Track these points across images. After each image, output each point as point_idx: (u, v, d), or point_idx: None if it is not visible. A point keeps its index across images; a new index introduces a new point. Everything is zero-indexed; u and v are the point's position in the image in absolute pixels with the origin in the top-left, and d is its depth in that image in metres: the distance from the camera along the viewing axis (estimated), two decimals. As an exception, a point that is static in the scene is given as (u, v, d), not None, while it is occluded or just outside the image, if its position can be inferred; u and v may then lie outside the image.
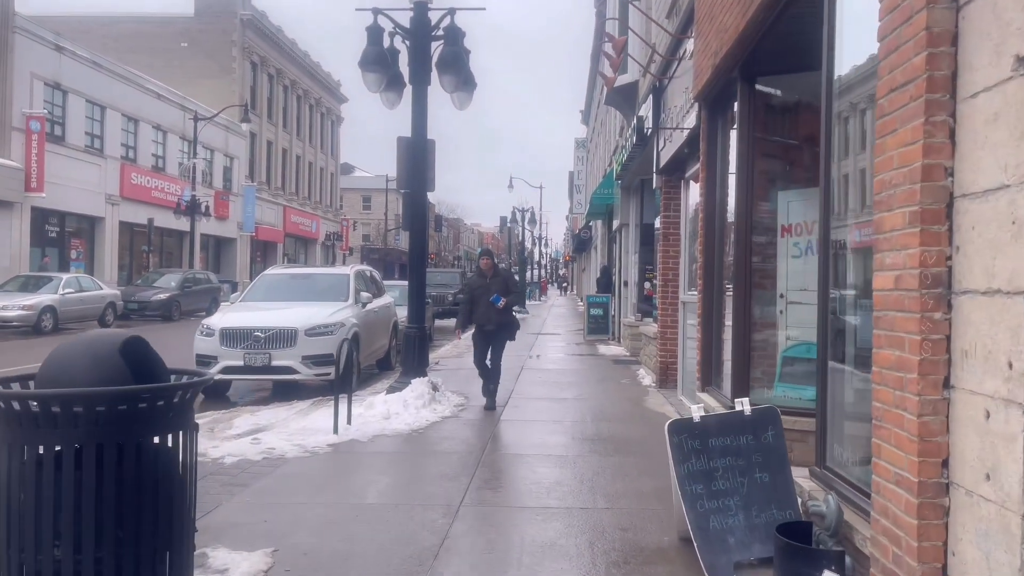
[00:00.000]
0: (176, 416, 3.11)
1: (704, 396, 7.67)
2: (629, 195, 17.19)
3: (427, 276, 25.60)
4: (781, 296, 7.25)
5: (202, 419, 8.69)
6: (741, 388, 6.75)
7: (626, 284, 17.41)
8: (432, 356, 15.39)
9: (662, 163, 10.78)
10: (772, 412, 4.53)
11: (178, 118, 36.38)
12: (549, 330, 23.39)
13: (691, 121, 8.26)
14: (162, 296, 25.74)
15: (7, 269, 24.67)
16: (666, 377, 10.96)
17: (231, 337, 10.22)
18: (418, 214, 9.42)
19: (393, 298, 18.13)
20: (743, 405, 4.51)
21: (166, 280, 27.57)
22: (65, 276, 21.58)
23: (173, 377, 3.38)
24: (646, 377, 11.93)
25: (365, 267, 14.33)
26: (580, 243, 39.93)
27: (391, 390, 9.27)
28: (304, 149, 54.02)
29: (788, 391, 7.09)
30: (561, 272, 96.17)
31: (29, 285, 21.12)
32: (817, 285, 4.85)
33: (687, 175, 9.65)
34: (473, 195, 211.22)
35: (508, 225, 33.01)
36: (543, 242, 74.70)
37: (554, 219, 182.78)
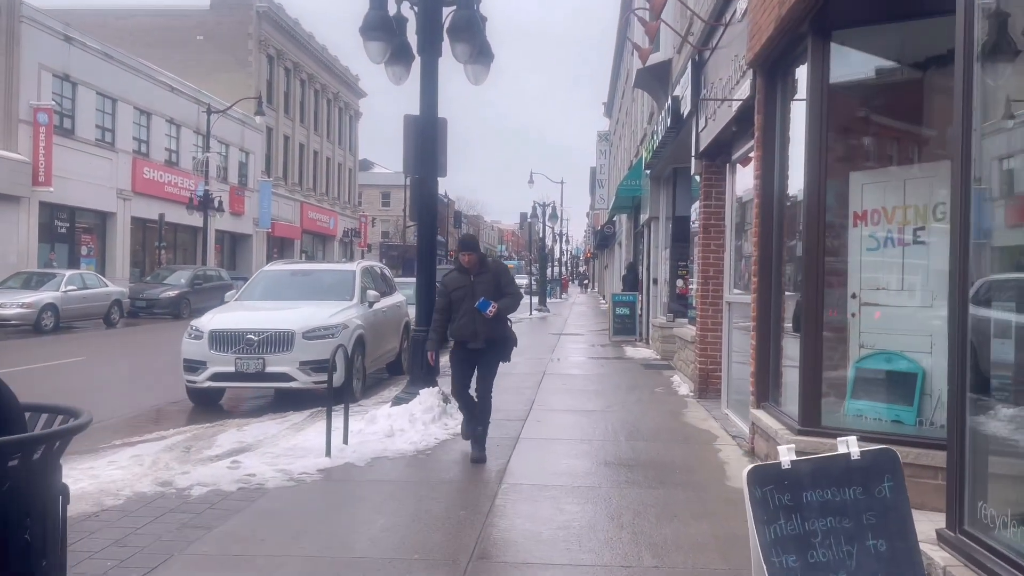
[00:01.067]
0: (24, 482, 2.03)
1: (759, 414, 6.52)
2: (659, 186, 15.98)
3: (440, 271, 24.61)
4: (853, 296, 6.07)
5: (181, 436, 7.67)
6: (812, 407, 5.59)
7: (655, 282, 16.22)
8: (445, 359, 14.35)
9: (702, 146, 9.61)
10: (889, 457, 3.37)
11: (192, 111, 35.60)
12: (571, 330, 22.25)
13: (743, 91, 7.09)
14: (171, 293, 24.90)
15: (14, 266, 23.92)
16: (706, 386, 9.79)
17: (221, 340, 9.19)
18: (428, 203, 8.33)
19: (406, 296, 17.11)
20: (849, 445, 3.35)
21: (176, 277, 26.75)
22: (68, 273, 20.75)
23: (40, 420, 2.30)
24: (682, 385, 10.76)
25: (374, 263, 13.27)
26: (602, 239, 38.72)
27: (396, 401, 8.19)
28: (322, 144, 53.20)
29: (864, 410, 5.92)
30: (582, 269, 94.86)
31: (31, 282, 20.31)
32: (950, 286, 3.68)
33: (734, 158, 8.47)
34: (494, 193, 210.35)
35: (528, 220, 31.83)
36: (564, 238, 73.46)
37: (575, 216, 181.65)
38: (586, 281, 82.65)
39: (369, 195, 76.92)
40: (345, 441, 6.84)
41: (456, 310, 6.74)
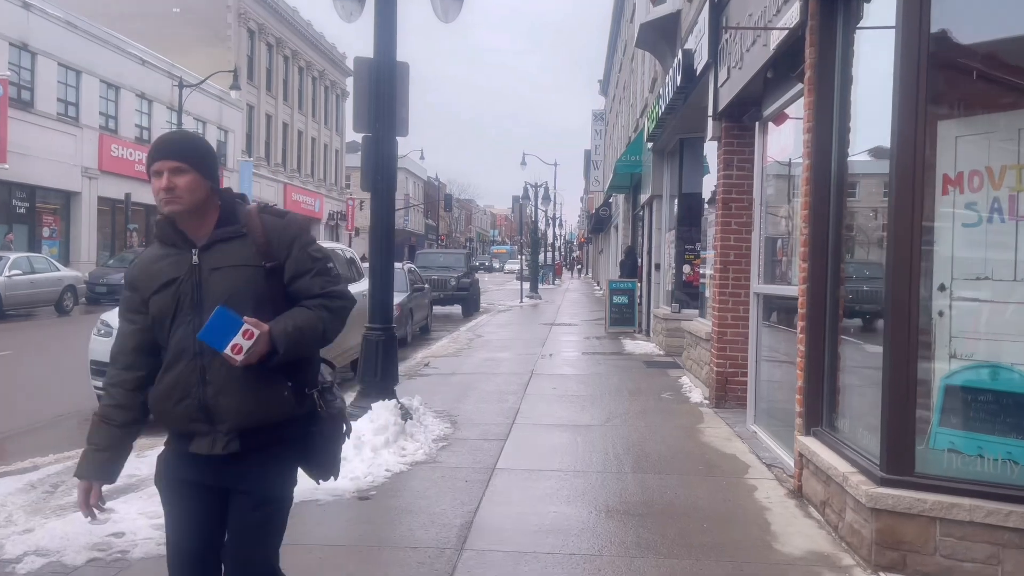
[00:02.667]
0: None
1: (812, 444, 4.89)
2: (663, 160, 14.29)
3: (428, 257, 22.89)
4: (941, 288, 4.43)
5: (58, 465, 5.93)
6: (901, 446, 3.97)
7: (657, 267, 14.58)
8: (422, 355, 12.70)
9: (723, 103, 7.93)
10: None
11: (165, 86, 33.66)
12: (564, 319, 20.61)
13: (789, 17, 5.40)
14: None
15: (-37, 248, 22.13)
16: (724, 394, 8.17)
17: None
18: (384, 168, 6.64)
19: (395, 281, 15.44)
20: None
21: (143, 261, 24.92)
22: (13, 256, 18.96)
23: None
24: (693, 390, 9.13)
25: (337, 244, 11.57)
26: (598, 222, 37.04)
27: (343, 418, 6.53)
28: (307, 124, 51.27)
29: (958, 443, 4.30)
30: (575, 254, 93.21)
31: (-27, 266, 18.52)
32: None
33: (766, 114, 6.80)
34: (487, 177, 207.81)
35: (520, 202, 30.13)
36: (557, 222, 71.73)
37: (568, 200, 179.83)
38: (579, 267, 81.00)
39: (358, 178, 74.83)
40: (263, 478, 5.17)
41: (164, 344, 2.43)
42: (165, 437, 2.51)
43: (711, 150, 9.47)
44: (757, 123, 7.10)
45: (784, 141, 6.42)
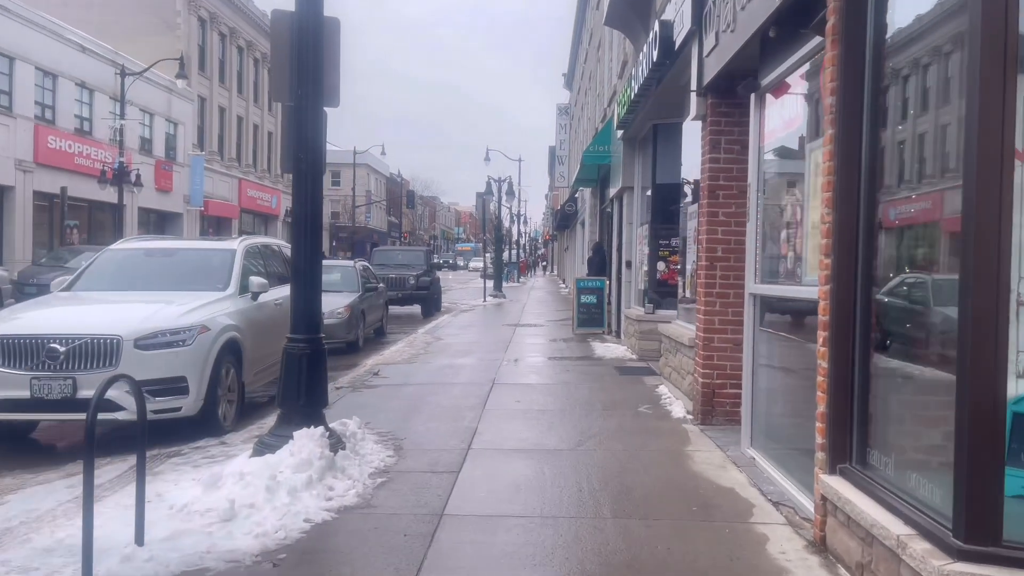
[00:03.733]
0: None
1: (842, 488, 3.85)
2: (634, 150, 13.28)
3: (386, 255, 21.64)
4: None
5: None
6: (983, 505, 2.93)
7: (628, 265, 13.57)
8: (372, 361, 11.52)
9: (709, 76, 6.90)
10: None
11: (107, 75, 31.81)
12: (529, 319, 19.53)
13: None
14: (68, 278, 21.47)
15: None
16: (712, 408, 7.15)
17: (13, 351, 6.24)
18: (309, 144, 5.47)
19: (334, 281, 14.20)
20: None
21: (80, 260, 23.27)
22: (-74, 254, 17.31)
23: None
24: (674, 402, 8.10)
25: (273, 240, 10.34)
26: (563, 218, 36.04)
27: (258, 449, 5.36)
28: (263, 118, 49.46)
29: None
30: (540, 252, 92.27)
31: None
32: None
33: (765, 83, 5.77)
34: (451, 174, 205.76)
35: (483, 197, 29.02)
36: (522, 219, 70.71)
37: (533, 197, 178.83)
38: (545, 264, 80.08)
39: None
40: (139, 541, 3.99)
41: None
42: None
43: (691, 133, 8.45)
44: (753, 95, 6.07)
45: (789, 114, 5.40)
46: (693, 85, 7.33)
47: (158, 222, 38.00)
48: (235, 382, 7.35)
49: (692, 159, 8.75)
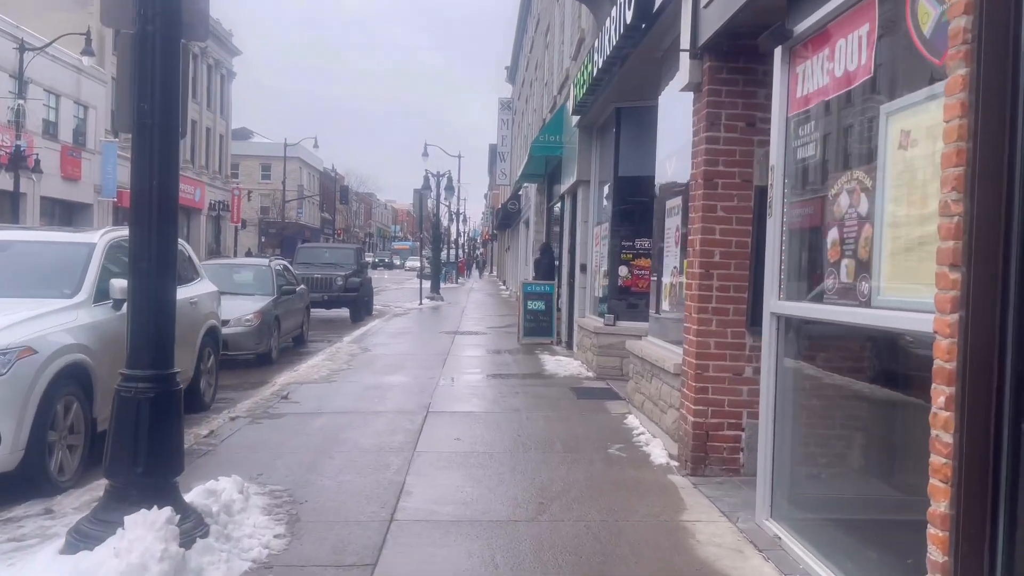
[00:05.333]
0: None
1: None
2: (592, 138, 11.78)
3: (311, 252, 19.67)
4: None
5: None
6: None
7: (583, 269, 12.06)
8: (284, 379, 9.69)
9: (708, 32, 5.39)
10: None
11: (5, 50, 28.87)
12: (470, 326, 17.87)
13: None
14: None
15: None
16: (705, 455, 5.63)
17: None
18: (161, 88, 3.71)
19: (246, 283, 12.33)
20: None
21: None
22: None
23: None
24: (651, 441, 6.57)
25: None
26: (505, 217, 34.47)
27: (71, 544, 3.59)
28: (187, 105, 46.48)
29: None
30: (479, 252, 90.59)
31: None
32: None
33: (800, 31, 4.25)
34: (389, 171, 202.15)
35: (421, 193, 27.15)
36: (461, 218, 68.95)
37: (472, 196, 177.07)
38: (482, 263, 78.44)
39: (247, 167, 69.83)
40: None
41: None
42: None
43: (676, 107, 6.94)
44: (778, 50, 4.55)
45: (844, 66, 3.88)
46: (685, 44, 5.80)
47: (64, 213, 35.00)
48: (82, 420, 5.50)
49: (671, 144, 7.26)
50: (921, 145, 3.14)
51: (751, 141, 5.64)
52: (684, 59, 5.86)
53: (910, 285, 3.20)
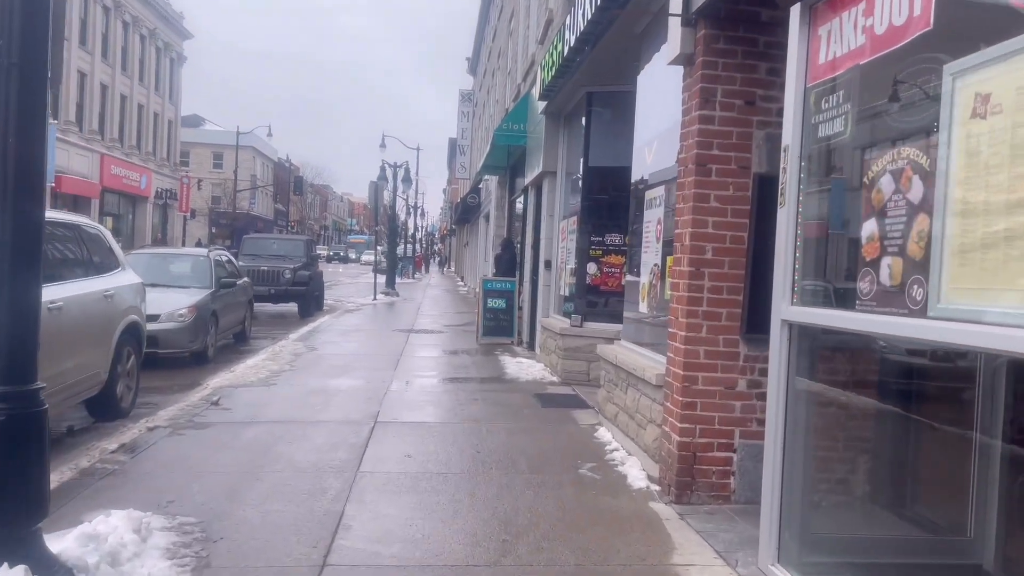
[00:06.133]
0: None
1: None
2: (559, 126, 11.04)
3: (258, 244, 18.60)
4: None
5: None
6: None
7: (547, 265, 11.31)
8: (217, 381, 8.77)
9: (707, -7, 4.66)
10: None
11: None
12: (425, 324, 17.02)
13: None
14: None
15: None
16: (692, 479, 4.93)
17: None
18: (14, 14, 2.82)
19: (181, 274, 11.37)
20: None
21: None
22: None
23: None
24: (628, 459, 5.84)
25: (78, 219, 7.43)
26: (464, 211, 33.60)
27: None
28: (132, 88, 44.61)
29: None
30: (437, 247, 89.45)
31: None
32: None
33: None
34: (346, 164, 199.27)
35: (377, 183, 26.11)
36: (419, 212, 67.84)
37: (431, 191, 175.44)
38: (439, 259, 77.36)
39: (199, 155, 67.66)
40: None
41: None
42: None
43: (659, 86, 6.23)
44: (795, 7, 3.83)
45: (883, 22, 3.17)
46: (676, 8, 5.06)
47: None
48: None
49: (651, 128, 6.54)
50: (1008, 113, 2.44)
51: (750, 122, 4.94)
52: (674, 27, 5.13)
53: (989, 290, 2.50)
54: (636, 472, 5.52)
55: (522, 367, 10.53)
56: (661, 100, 6.23)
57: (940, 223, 2.74)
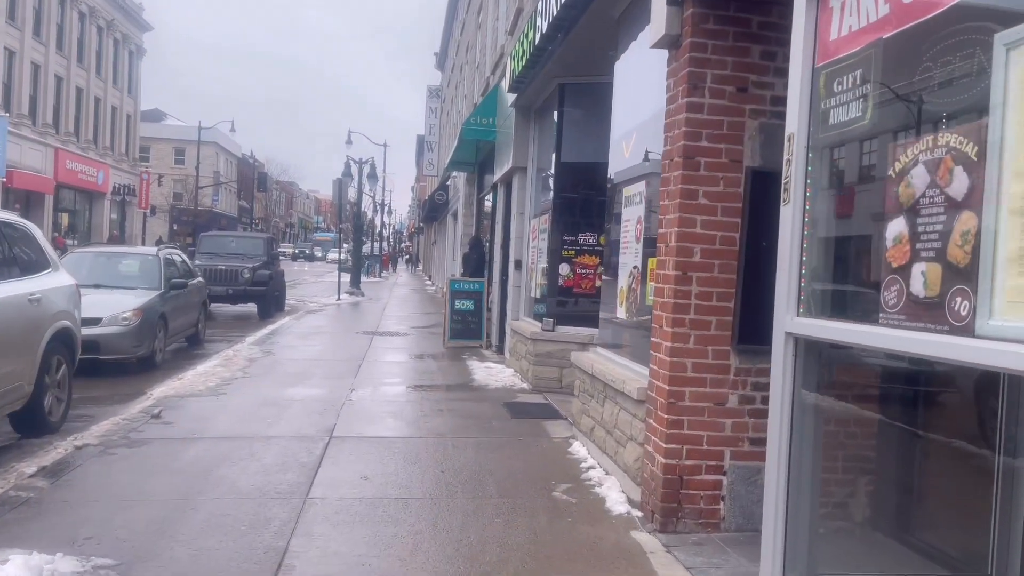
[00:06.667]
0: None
1: None
2: (530, 121, 10.55)
3: (216, 241, 17.84)
4: None
5: None
6: None
7: (518, 265, 10.81)
8: (162, 390, 8.14)
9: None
10: None
11: None
12: (390, 326, 16.42)
13: None
14: None
15: None
16: (679, 506, 4.46)
17: None
18: None
19: (128, 275, 10.71)
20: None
21: None
22: None
23: None
24: (605, 480, 5.36)
25: (-12, 213, 6.78)
26: (432, 209, 32.97)
27: None
28: (89, 81, 43.24)
29: None
30: (405, 244, 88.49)
31: None
32: None
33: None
34: (312, 161, 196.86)
35: (341, 179, 25.34)
36: (386, 209, 66.93)
37: (398, 188, 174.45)
38: (408, 258, 76.47)
39: (160, 150, 66.09)
40: None
41: None
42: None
43: (639, 74, 5.76)
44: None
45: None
46: (663, -16, 4.59)
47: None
48: None
49: (630, 119, 6.07)
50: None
51: (742, 111, 4.48)
52: (658, 5, 4.65)
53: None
54: (615, 495, 5.04)
55: (491, 373, 10.02)
56: (642, 89, 5.76)
57: (992, 222, 2.29)
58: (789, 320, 3.36)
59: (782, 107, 4.39)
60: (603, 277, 7.04)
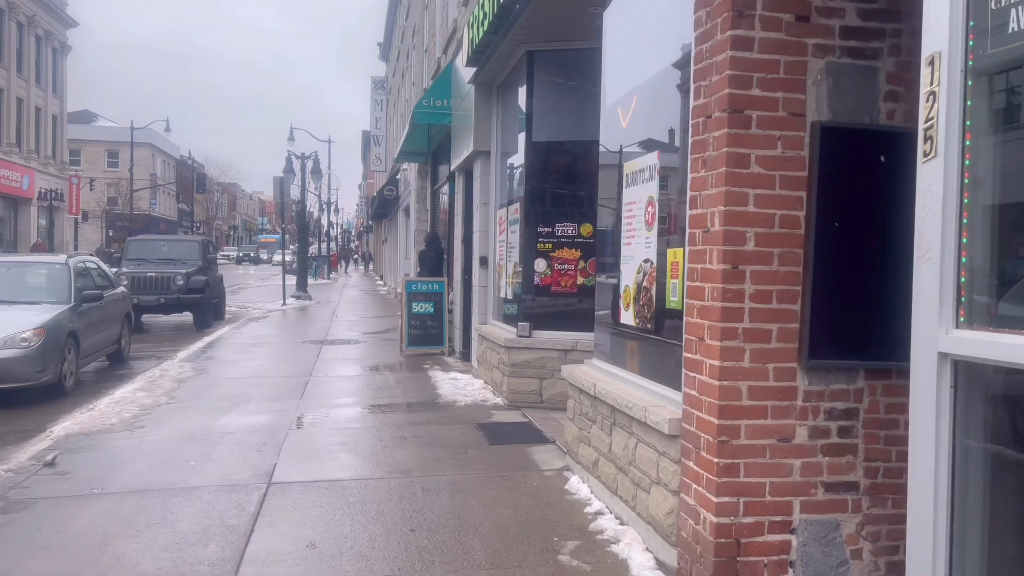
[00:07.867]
0: None
1: None
2: (493, 98, 9.34)
3: (145, 246, 16.04)
4: None
5: None
6: None
7: (483, 263, 9.60)
8: (65, 426, 6.72)
9: None
10: None
11: None
12: (340, 333, 15.04)
13: None
14: None
15: None
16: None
17: None
18: None
19: (31, 287, 9.24)
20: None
21: None
22: None
23: None
24: (624, 534, 4.20)
25: None
26: (381, 205, 31.47)
27: None
28: (10, 81, 40.54)
29: None
30: (354, 244, 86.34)
31: None
32: None
33: None
34: (255, 161, 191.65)
35: (283, 176, 23.68)
36: (332, 208, 64.94)
37: (344, 186, 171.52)
38: (356, 257, 74.44)
39: (91, 153, 62.97)
40: None
41: None
42: None
43: (639, 16, 4.60)
44: None
45: None
46: None
47: None
48: None
49: (630, 78, 4.92)
50: None
51: (804, 47, 3.36)
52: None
53: None
54: (639, 557, 3.89)
55: (458, 385, 8.80)
56: (646, 38, 4.62)
57: None
58: (943, 335, 2.23)
59: (856, 40, 3.28)
60: (593, 274, 5.89)
